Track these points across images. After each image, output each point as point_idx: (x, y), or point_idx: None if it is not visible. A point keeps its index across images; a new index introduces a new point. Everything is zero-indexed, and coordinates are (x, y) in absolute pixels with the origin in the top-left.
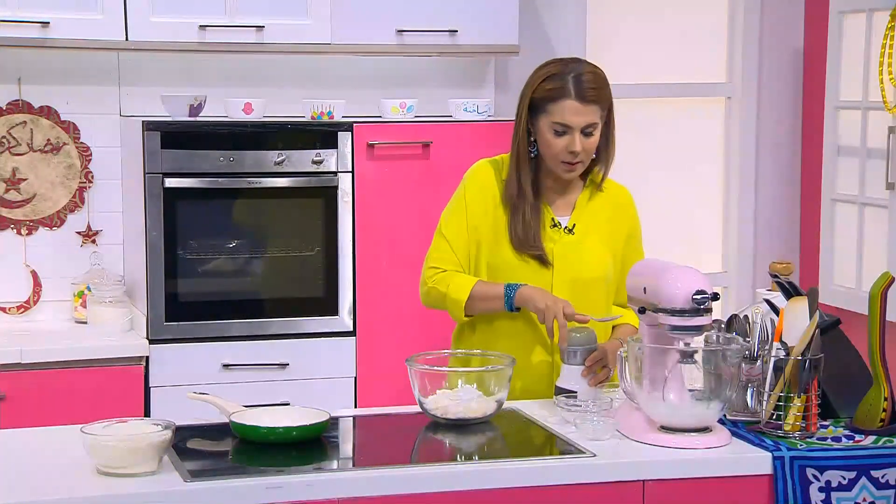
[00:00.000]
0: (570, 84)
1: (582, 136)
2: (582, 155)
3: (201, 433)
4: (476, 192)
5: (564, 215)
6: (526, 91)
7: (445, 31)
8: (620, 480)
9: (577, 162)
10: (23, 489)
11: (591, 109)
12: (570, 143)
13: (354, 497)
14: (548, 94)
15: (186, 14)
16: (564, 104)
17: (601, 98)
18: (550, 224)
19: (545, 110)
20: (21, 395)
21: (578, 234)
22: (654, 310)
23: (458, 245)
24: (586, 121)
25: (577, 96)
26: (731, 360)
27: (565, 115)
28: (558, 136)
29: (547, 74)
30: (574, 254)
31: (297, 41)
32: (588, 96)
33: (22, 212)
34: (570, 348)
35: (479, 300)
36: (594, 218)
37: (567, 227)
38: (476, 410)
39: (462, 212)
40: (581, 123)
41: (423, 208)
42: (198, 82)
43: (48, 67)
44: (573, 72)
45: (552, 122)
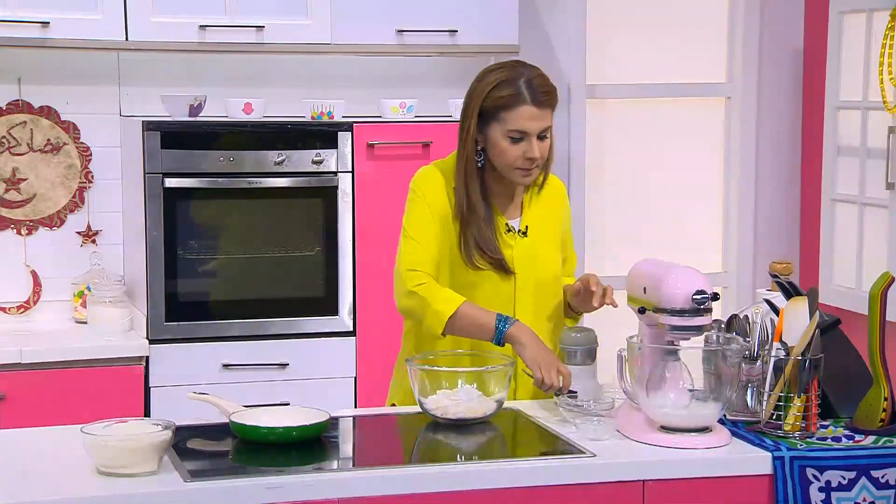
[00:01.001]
0: (524, 89)
1: (538, 140)
2: (538, 160)
3: (201, 433)
4: (434, 198)
5: (514, 218)
6: (474, 101)
7: (445, 31)
8: (620, 480)
9: (533, 167)
10: (23, 489)
11: (546, 113)
12: (527, 150)
13: (354, 497)
14: (501, 102)
15: (186, 14)
16: (520, 110)
17: (554, 101)
18: (505, 230)
19: (498, 118)
20: (21, 395)
21: (531, 235)
22: (654, 310)
23: (431, 246)
24: (542, 125)
25: (532, 101)
26: (731, 360)
27: (522, 122)
28: (514, 143)
29: (496, 81)
30: (531, 256)
31: (297, 41)
32: (543, 101)
33: (22, 212)
34: (569, 348)
35: (464, 321)
36: (540, 216)
37: (521, 231)
38: (476, 410)
39: (428, 216)
40: (538, 128)
41: None
42: (198, 82)
43: (48, 67)
44: (523, 76)
45: (507, 130)
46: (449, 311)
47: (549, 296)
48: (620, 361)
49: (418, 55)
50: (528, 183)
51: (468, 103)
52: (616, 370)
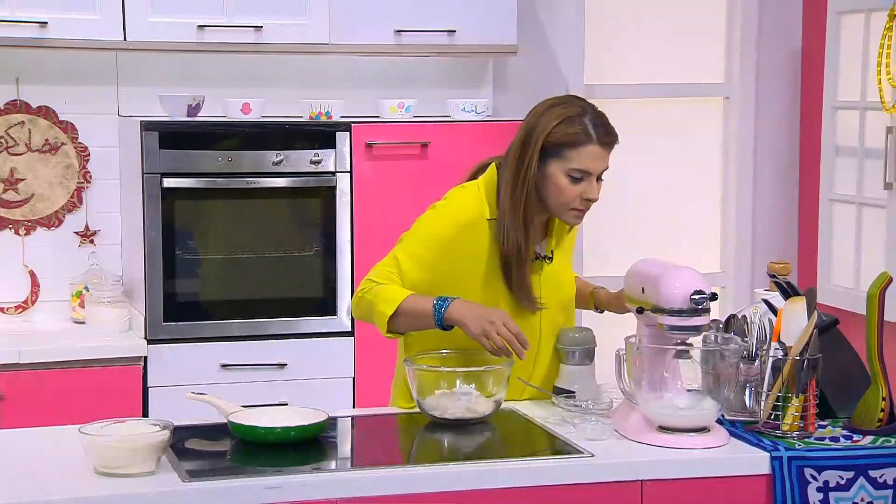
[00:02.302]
0: (591, 129)
1: (597, 181)
2: (594, 202)
3: (199, 433)
4: (467, 234)
5: (541, 242)
6: (536, 134)
7: (443, 32)
8: (619, 480)
9: (587, 210)
10: (21, 489)
11: (608, 154)
12: (586, 191)
13: (353, 497)
14: (567, 140)
15: (185, 14)
16: (587, 150)
17: (616, 142)
18: (534, 256)
19: (561, 155)
20: (19, 395)
21: (556, 259)
22: (653, 310)
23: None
24: (604, 166)
25: (599, 141)
26: (730, 360)
27: (587, 162)
28: (574, 183)
29: (562, 117)
30: (556, 281)
31: (295, 41)
32: (608, 141)
33: (20, 212)
34: (568, 348)
35: (406, 315)
36: (559, 239)
37: (546, 256)
38: (474, 410)
39: (435, 249)
40: (600, 169)
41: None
42: (196, 82)
43: (46, 67)
44: (587, 114)
45: (570, 168)
46: (390, 311)
47: (570, 314)
48: (619, 361)
49: (416, 55)
50: (577, 223)
51: (529, 136)
52: (614, 370)
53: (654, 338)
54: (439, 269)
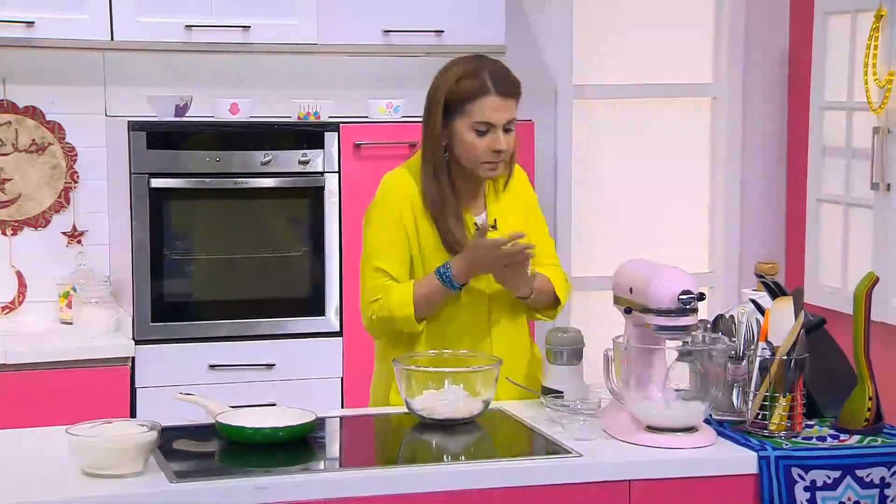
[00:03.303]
0: (488, 81)
1: (503, 132)
2: (504, 153)
3: (187, 434)
4: (403, 204)
5: (479, 213)
6: (438, 94)
7: (432, 32)
8: (607, 480)
9: (500, 161)
10: (8, 490)
11: (511, 104)
12: (493, 142)
13: (341, 497)
14: (466, 94)
15: (172, 14)
16: (486, 101)
17: (517, 92)
18: (474, 227)
19: (463, 111)
20: (6, 395)
21: (501, 227)
22: (641, 310)
23: (395, 268)
24: (508, 116)
25: (497, 92)
26: (717, 360)
27: (488, 113)
28: (480, 136)
29: (459, 74)
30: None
31: (283, 41)
32: (507, 91)
33: (7, 212)
34: (556, 348)
35: (424, 303)
36: (507, 207)
37: (491, 226)
38: (463, 411)
39: (394, 230)
40: (503, 119)
41: None
42: (184, 82)
43: (33, 67)
44: (486, 68)
45: (473, 122)
46: (410, 312)
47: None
48: (607, 361)
49: (405, 55)
50: (493, 176)
51: (431, 98)
52: (602, 370)
53: (642, 338)
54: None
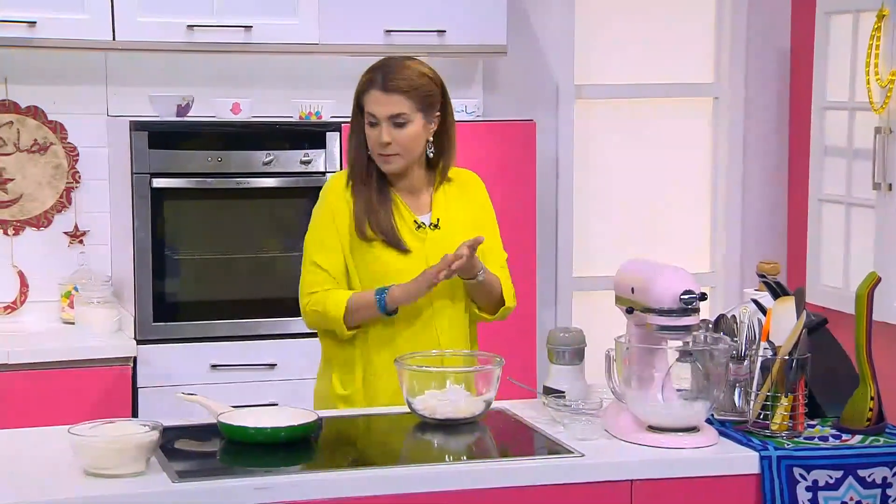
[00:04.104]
0: (376, 75)
1: (393, 127)
2: (394, 147)
3: (189, 434)
4: (335, 200)
5: (424, 214)
6: (355, 94)
7: (433, 32)
8: (608, 480)
9: (390, 154)
10: (9, 490)
11: (396, 99)
12: (378, 135)
13: (343, 497)
14: (361, 88)
15: (174, 14)
16: (371, 95)
17: (407, 88)
18: (415, 226)
19: (361, 104)
20: (8, 395)
21: (444, 227)
22: (642, 310)
23: (331, 264)
24: (390, 111)
25: (380, 86)
26: (719, 360)
27: (371, 106)
28: (372, 129)
29: (367, 70)
30: (446, 248)
31: (284, 41)
32: (390, 86)
33: (9, 212)
34: (558, 348)
35: (354, 313)
36: (453, 209)
37: (432, 224)
38: (464, 410)
39: (328, 226)
40: (385, 113)
41: None
42: (185, 82)
43: (35, 67)
44: (385, 65)
45: (366, 115)
46: (341, 314)
47: (461, 290)
48: (608, 361)
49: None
50: (389, 171)
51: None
52: (604, 370)
53: (644, 338)
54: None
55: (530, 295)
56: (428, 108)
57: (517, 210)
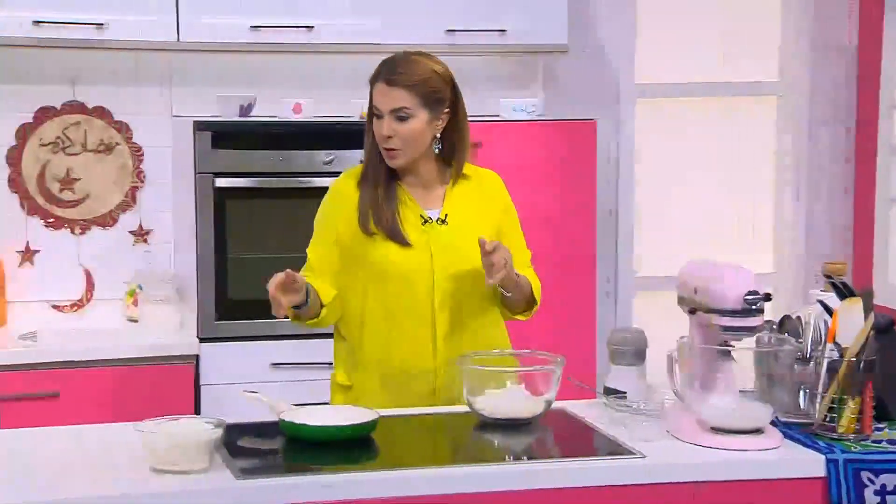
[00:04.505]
0: (382, 68)
1: (395, 121)
2: (396, 141)
3: (251, 431)
4: (340, 196)
5: (434, 209)
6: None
7: (494, 31)
8: (671, 482)
9: (392, 148)
10: (77, 485)
11: (398, 92)
12: (381, 127)
13: (403, 496)
14: (370, 82)
15: (237, 14)
16: (376, 88)
17: (409, 82)
18: (421, 221)
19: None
20: (75, 392)
21: (452, 223)
22: (705, 310)
23: (316, 256)
24: (392, 104)
25: (383, 79)
26: (784, 361)
27: (375, 99)
28: (377, 122)
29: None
30: (450, 244)
31: (347, 41)
32: (392, 79)
33: (76, 211)
34: (619, 348)
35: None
36: (465, 206)
37: (439, 219)
38: (524, 410)
39: (324, 220)
40: (387, 106)
41: None
42: (248, 82)
43: (102, 68)
44: (392, 59)
45: (372, 108)
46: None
47: (470, 286)
48: (671, 362)
49: (467, 55)
50: (393, 165)
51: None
52: (666, 371)
53: (707, 338)
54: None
55: (590, 295)
56: (433, 104)
57: (577, 209)
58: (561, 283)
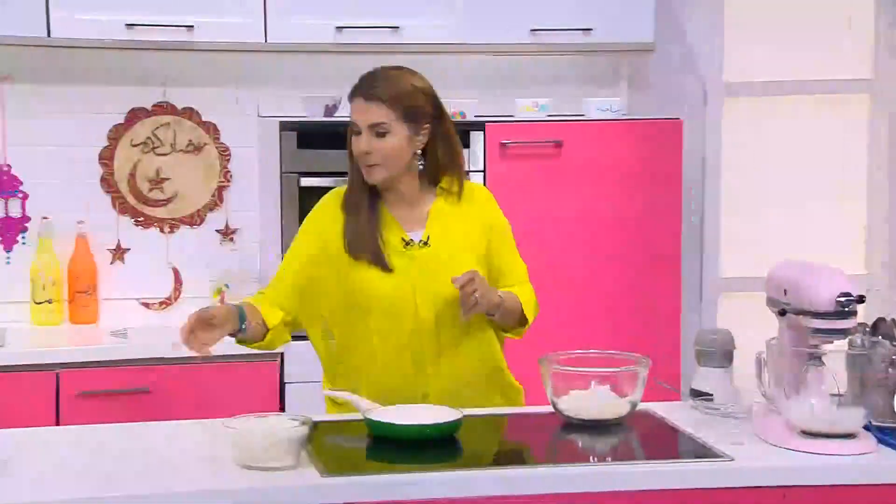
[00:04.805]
0: (361, 82)
1: (374, 136)
2: (375, 156)
3: (337, 429)
4: (326, 218)
5: (416, 230)
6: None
7: (579, 30)
8: (760, 486)
9: (371, 164)
10: (165, 481)
11: (376, 107)
12: (359, 143)
13: (488, 496)
14: (349, 96)
15: (323, 16)
16: (353, 104)
17: (387, 97)
18: (402, 244)
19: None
20: (164, 388)
21: (435, 244)
22: (796, 312)
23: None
24: (370, 119)
25: (360, 94)
26: (877, 365)
27: (353, 114)
28: (355, 138)
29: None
30: (432, 267)
31: (431, 41)
32: (370, 94)
33: (165, 210)
34: (706, 350)
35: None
36: (449, 226)
37: (421, 241)
38: (609, 411)
39: (301, 246)
40: (365, 122)
41: (555, 207)
42: (333, 83)
43: (191, 70)
44: (371, 73)
45: (351, 123)
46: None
47: (454, 309)
48: (759, 364)
49: (552, 54)
50: (372, 181)
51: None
52: (755, 373)
53: (797, 341)
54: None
55: (675, 296)
56: (413, 119)
57: (662, 210)
58: (645, 284)
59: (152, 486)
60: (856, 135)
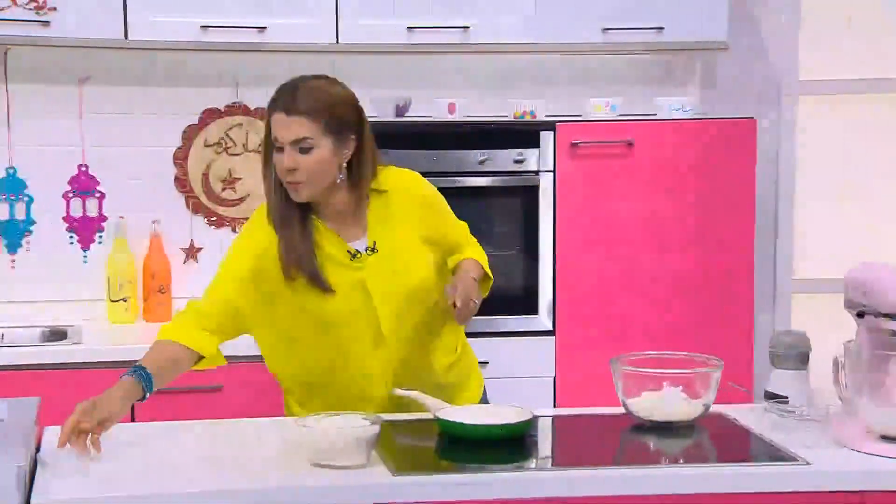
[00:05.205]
0: (280, 95)
1: (298, 152)
2: (300, 174)
3: (407, 429)
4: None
5: (359, 239)
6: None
7: (651, 29)
8: (837, 491)
9: (296, 182)
10: (237, 478)
11: (298, 122)
12: (280, 161)
13: (557, 497)
14: (267, 110)
15: (394, 16)
16: (273, 118)
17: (309, 110)
18: (349, 256)
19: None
20: (236, 385)
21: (383, 248)
22: (876, 314)
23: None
24: (293, 135)
25: (281, 108)
26: None
27: (274, 129)
28: (277, 154)
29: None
30: (386, 271)
31: (501, 41)
32: (291, 108)
33: (237, 210)
34: (782, 351)
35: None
36: (390, 224)
37: (368, 248)
38: (681, 413)
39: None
40: (288, 137)
41: (625, 207)
42: (404, 83)
43: (263, 71)
44: (290, 85)
45: (272, 139)
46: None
47: (418, 305)
48: (837, 367)
49: (623, 53)
50: (298, 199)
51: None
52: (832, 376)
53: (877, 343)
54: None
55: (748, 297)
56: (338, 131)
57: (735, 210)
58: (718, 284)
59: (224, 482)
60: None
